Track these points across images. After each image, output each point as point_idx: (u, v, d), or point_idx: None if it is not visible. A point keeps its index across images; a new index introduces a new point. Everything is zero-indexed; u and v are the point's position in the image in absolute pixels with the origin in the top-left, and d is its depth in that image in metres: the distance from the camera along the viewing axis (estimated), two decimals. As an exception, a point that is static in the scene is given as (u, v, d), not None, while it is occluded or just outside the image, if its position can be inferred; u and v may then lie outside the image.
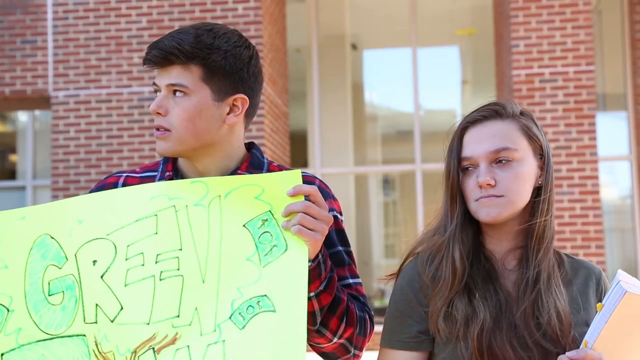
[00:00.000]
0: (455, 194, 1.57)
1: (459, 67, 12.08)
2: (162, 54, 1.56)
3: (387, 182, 12.40)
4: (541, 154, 1.56)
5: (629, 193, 9.46)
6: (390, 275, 1.65)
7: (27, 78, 8.13)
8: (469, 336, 1.49)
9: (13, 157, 10.30)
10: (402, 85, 10.81)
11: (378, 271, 11.43)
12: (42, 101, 8.31)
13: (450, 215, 1.58)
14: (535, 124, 1.58)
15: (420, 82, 10.03)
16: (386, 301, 1.76)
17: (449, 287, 1.53)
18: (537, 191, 1.57)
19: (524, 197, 1.53)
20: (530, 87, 7.74)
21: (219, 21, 7.86)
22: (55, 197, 7.94)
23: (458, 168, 1.57)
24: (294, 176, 1.43)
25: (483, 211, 1.52)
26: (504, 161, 1.52)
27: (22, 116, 9.92)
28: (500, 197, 1.51)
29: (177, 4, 8.00)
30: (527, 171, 1.53)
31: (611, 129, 9.67)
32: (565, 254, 1.64)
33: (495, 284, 1.54)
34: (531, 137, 1.55)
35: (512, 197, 1.51)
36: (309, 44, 10.07)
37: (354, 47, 11.24)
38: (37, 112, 9.59)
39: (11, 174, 10.17)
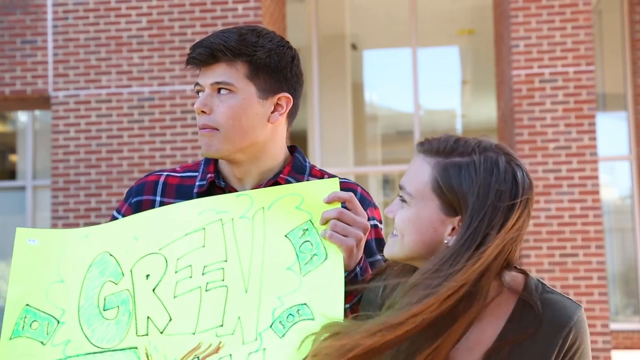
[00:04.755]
0: None
1: (458, 67, 12.07)
2: (207, 52, 1.56)
3: (387, 182, 12.40)
4: None
5: (629, 193, 9.46)
6: None
7: (27, 78, 8.13)
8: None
9: (13, 157, 10.30)
10: (402, 85, 10.81)
11: (378, 271, 11.40)
12: (42, 101, 8.30)
13: None
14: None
15: (420, 82, 10.03)
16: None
17: None
18: None
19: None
20: (530, 87, 7.74)
21: (219, 21, 7.87)
22: (55, 197, 7.93)
23: None
24: (331, 184, 1.45)
25: None
26: None
27: (22, 116, 9.92)
28: None
29: (177, 4, 8.00)
30: None
31: (611, 129, 9.67)
32: (545, 291, 1.31)
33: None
34: None
35: None
36: (309, 44, 10.07)
37: (354, 47, 11.23)
38: (37, 112, 9.59)
39: (11, 174, 10.17)
